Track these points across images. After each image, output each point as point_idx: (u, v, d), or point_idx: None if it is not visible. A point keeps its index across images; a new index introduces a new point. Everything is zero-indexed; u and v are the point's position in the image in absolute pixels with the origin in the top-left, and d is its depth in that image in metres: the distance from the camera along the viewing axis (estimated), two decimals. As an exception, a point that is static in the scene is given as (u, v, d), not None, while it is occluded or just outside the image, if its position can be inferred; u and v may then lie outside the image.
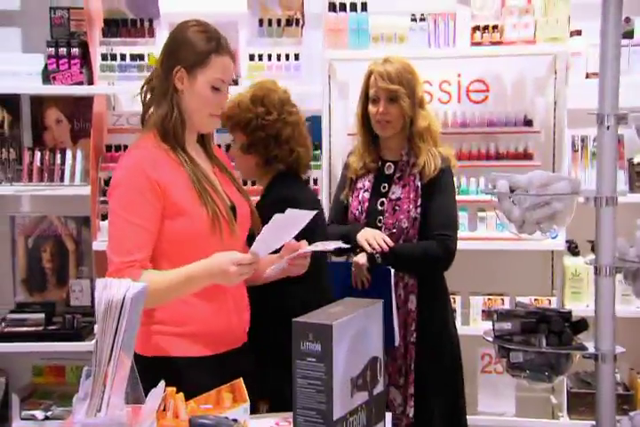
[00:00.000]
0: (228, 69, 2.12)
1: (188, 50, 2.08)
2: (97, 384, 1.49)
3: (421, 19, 3.25)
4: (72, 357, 3.39)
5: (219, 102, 2.11)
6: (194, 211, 2.03)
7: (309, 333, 1.60)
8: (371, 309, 1.78)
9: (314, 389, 1.59)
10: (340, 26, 3.26)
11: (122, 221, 2.01)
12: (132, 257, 1.96)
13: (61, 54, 3.29)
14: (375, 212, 2.64)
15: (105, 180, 3.33)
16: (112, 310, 1.50)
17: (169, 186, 2.02)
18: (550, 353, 1.72)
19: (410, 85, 2.59)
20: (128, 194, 2.02)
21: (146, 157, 2.05)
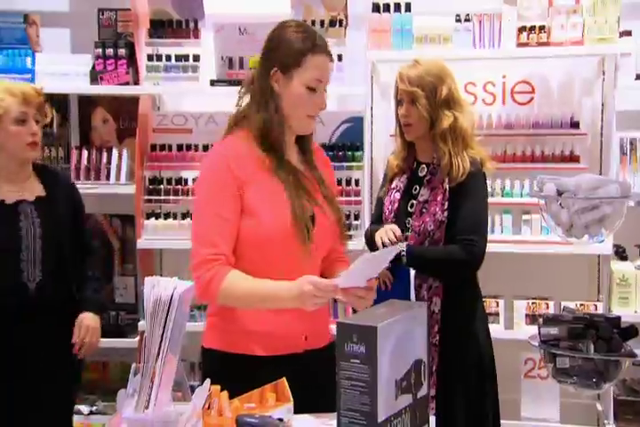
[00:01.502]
0: (325, 69, 2.06)
1: (284, 50, 2.05)
2: (145, 381, 1.50)
3: (466, 19, 3.22)
4: (116, 353, 3.44)
5: (315, 103, 2.06)
6: (263, 215, 2.02)
7: (354, 334, 1.59)
8: (415, 311, 1.78)
9: (358, 390, 1.58)
10: (384, 27, 3.25)
11: (206, 215, 2.03)
12: (218, 249, 1.98)
13: (109, 55, 3.32)
14: (405, 213, 2.63)
15: (149, 179, 3.36)
16: (160, 308, 1.52)
17: (247, 184, 2.03)
18: (599, 360, 1.69)
19: (429, 87, 2.56)
20: (212, 188, 2.04)
21: (230, 152, 2.06)
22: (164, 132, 3.47)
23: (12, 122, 2.53)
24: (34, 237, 2.57)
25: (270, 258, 2.03)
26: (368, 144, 3.30)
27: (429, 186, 2.60)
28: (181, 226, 3.29)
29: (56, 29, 3.55)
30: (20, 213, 2.57)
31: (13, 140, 2.54)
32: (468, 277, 2.63)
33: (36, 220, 2.58)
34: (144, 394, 1.51)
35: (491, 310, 3.14)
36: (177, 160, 3.39)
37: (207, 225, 2.03)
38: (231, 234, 2.02)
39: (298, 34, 2.06)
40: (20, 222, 2.56)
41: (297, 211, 2.02)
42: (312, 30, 2.11)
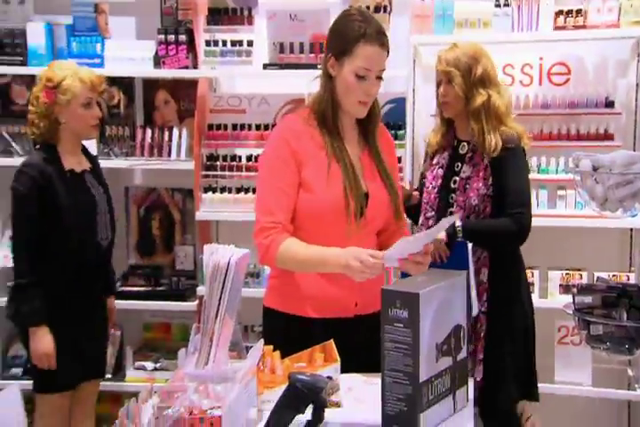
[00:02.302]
0: (375, 59, 2.01)
1: (338, 38, 2.04)
2: (204, 341, 1.51)
3: (505, 4, 3.14)
4: (177, 315, 3.49)
5: (364, 90, 2.02)
6: (318, 190, 2.03)
7: (397, 300, 1.58)
8: (455, 280, 1.75)
9: (401, 352, 1.58)
10: (426, 12, 3.19)
11: (267, 186, 2.06)
12: (275, 217, 2.00)
13: (170, 41, 3.31)
14: (448, 189, 2.60)
15: (207, 155, 3.37)
16: (218, 273, 1.52)
17: (304, 160, 2.04)
18: (631, 327, 1.65)
19: (464, 67, 2.54)
20: (273, 162, 2.06)
21: (290, 129, 2.08)
22: (220, 112, 3.46)
23: (80, 106, 2.66)
24: (102, 202, 2.76)
25: (324, 229, 2.03)
26: (410, 124, 3.25)
27: (471, 163, 2.57)
28: (236, 200, 3.30)
29: (123, 18, 3.55)
30: (87, 181, 2.74)
31: (80, 122, 2.68)
32: (514, 248, 2.60)
33: (98, 187, 2.78)
34: (204, 352, 1.52)
35: (527, 279, 3.11)
36: (232, 139, 3.39)
37: (267, 196, 2.04)
38: (288, 204, 2.03)
39: (354, 22, 2.02)
40: (91, 189, 2.74)
41: (349, 188, 2.02)
42: (370, 19, 2.04)
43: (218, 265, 1.51)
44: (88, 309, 2.73)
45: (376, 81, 2.04)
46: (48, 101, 2.64)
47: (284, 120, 2.18)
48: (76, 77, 2.64)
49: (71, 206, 2.62)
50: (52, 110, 2.64)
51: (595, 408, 3.17)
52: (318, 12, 3.24)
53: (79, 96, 2.64)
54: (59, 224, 2.60)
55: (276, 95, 3.43)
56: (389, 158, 2.19)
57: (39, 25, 3.35)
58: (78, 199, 2.66)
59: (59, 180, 2.62)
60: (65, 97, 2.63)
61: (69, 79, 2.63)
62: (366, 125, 2.14)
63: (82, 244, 2.65)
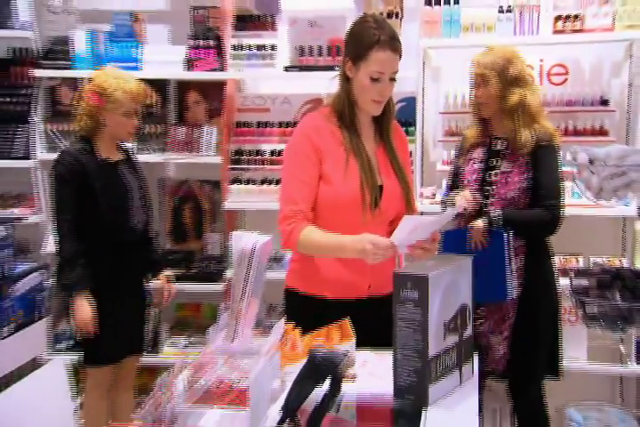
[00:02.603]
0: (387, 63, 1.98)
1: (354, 44, 2.02)
2: (231, 318, 1.51)
3: (508, 10, 3.10)
4: (207, 296, 3.49)
5: (378, 91, 2.00)
6: (336, 182, 2.02)
7: (408, 282, 1.57)
8: (461, 264, 1.73)
9: (412, 330, 1.56)
10: (435, 18, 3.15)
11: (290, 178, 2.05)
12: (297, 207, 1.99)
13: (200, 46, 3.31)
14: (486, 182, 2.56)
15: (234, 151, 3.37)
16: (244, 258, 1.52)
17: (325, 154, 2.03)
18: (624, 306, 1.63)
19: (499, 68, 2.49)
20: (296, 155, 2.05)
21: (312, 125, 2.07)
22: (246, 111, 3.46)
23: (122, 114, 2.65)
24: (135, 190, 2.74)
25: (341, 218, 2.02)
26: (420, 121, 3.22)
27: (510, 158, 2.53)
28: (260, 191, 3.29)
29: (157, 25, 3.55)
30: (120, 170, 2.73)
31: (119, 128, 2.68)
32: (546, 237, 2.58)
33: (131, 176, 2.76)
34: (231, 329, 1.52)
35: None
36: (256, 135, 3.39)
37: (290, 187, 2.04)
38: (310, 194, 2.02)
39: (369, 29, 1.99)
40: (124, 177, 2.72)
41: (365, 181, 2.01)
42: (384, 26, 2.01)
43: (243, 250, 1.51)
44: (130, 288, 2.73)
45: (389, 82, 2.02)
46: (94, 105, 2.65)
47: (307, 117, 2.16)
48: (124, 89, 2.63)
49: (105, 191, 2.61)
50: (97, 113, 2.65)
51: (590, 382, 3.14)
52: (335, 19, 3.23)
53: (123, 106, 2.63)
54: (94, 207, 2.59)
55: (297, 95, 3.42)
56: (402, 154, 2.17)
57: (83, 33, 3.36)
58: (112, 185, 2.65)
59: (93, 167, 2.62)
60: (110, 105, 2.63)
61: (118, 90, 2.62)
62: (381, 123, 2.12)
63: (117, 226, 2.65)
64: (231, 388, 1.51)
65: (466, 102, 3.23)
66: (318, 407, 1.38)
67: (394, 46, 1.99)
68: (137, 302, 2.79)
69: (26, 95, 3.53)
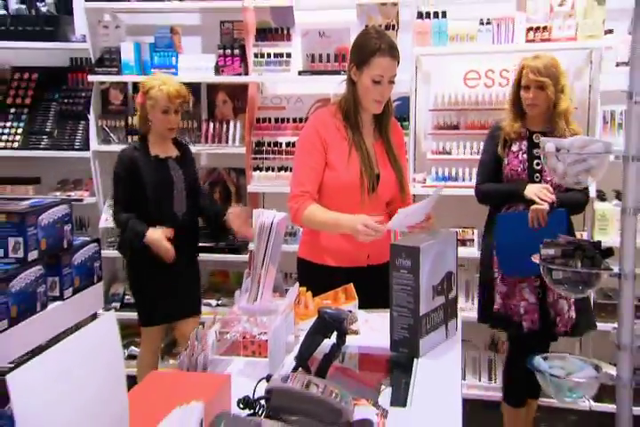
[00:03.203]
0: (387, 68, 1.96)
1: (358, 52, 2.00)
2: (254, 283, 1.49)
3: (487, 22, 3.01)
4: (233, 265, 3.47)
5: (379, 92, 1.98)
6: (340, 170, 2.00)
7: (403, 252, 1.54)
8: (447, 237, 1.70)
9: (405, 293, 1.54)
10: (426, 29, 3.06)
11: (300, 164, 2.03)
12: (304, 188, 1.98)
13: (227, 54, 3.25)
14: (533, 170, 2.47)
15: (255, 142, 3.32)
16: (264, 232, 1.49)
17: (330, 145, 2.00)
18: (584, 272, 1.59)
19: (554, 76, 2.40)
20: (305, 145, 2.03)
21: (320, 120, 2.05)
22: (265, 109, 3.40)
23: (160, 111, 2.60)
24: (180, 182, 2.66)
25: (343, 200, 2.00)
26: (413, 117, 3.15)
27: None
28: (278, 176, 3.25)
29: (191, 37, 3.48)
30: (169, 165, 2.66)
31: (159, 124, 2.63)
32: None
33: (178, 171, 2.68)
34: (253, 292, 1.49)
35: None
36: (274, 129, 3.34)
37: (300, 172, 2.02)
38: (316, 178, 2.00)
39: (372, 39, 1.96)
40: (171, 171, 2.65)
41: (364, 169, 1.99)
42: (384, 36, 1.98)
43: (263, 225, 1.48)
44: (181, 264, 2.64)
45: (388, 85, 1.99)
46: (140, 103, 2.64)
47: (316, 113, 2.13)
48: (161, 88, 2.58)
49: (151, 184, 2.59)
50: (143, 110, 2.63)
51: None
52: (341, 30, 3.17)
53: (159, 104, 2.58)
54: (143, 197, 2.59)
55: (309, 95, 3.36)
56: (398, 147, 2.14)
57: (130, 44, 3.32)
58: (158, 178, 2.61)
59: (144, 163, 2.59)
60: (150, 102, 2.60)
61: (155, 89, 2.59)
62: (381, 121, 2.09)
63: (161, 213, 2.61)
64: (253, 340, 1.49)
65: (452, 101, 3.18)
66: (326, 357, 1.36)
67: (393, 53, 1.97)
68: (189, 272, 2.74)
69: (83, 97, 3.50)
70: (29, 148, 3.41)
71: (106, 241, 3.39)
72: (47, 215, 1.89)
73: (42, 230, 1.86)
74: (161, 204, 2.61)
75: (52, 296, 1.93)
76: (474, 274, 3.13)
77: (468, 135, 3.14)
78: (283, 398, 1.14)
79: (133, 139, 3.39)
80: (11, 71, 3.60)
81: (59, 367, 0.79)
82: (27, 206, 1.86)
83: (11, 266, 1.75)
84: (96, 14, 3.39)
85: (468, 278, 3.13)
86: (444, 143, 3.17)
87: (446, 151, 3.16)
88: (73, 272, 2.03)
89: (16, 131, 3.47)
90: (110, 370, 0.91)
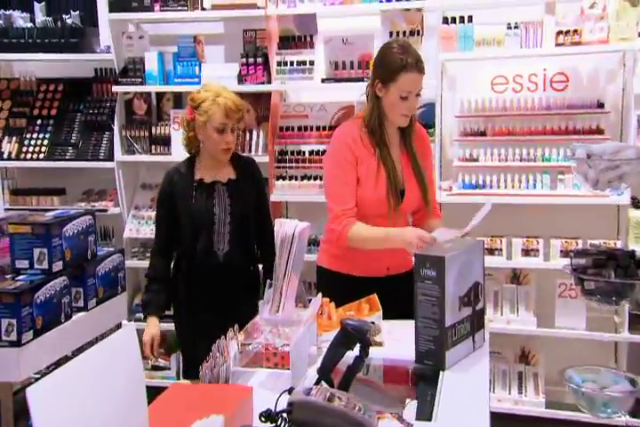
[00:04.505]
0: (415, 83, 1.98)
1: (383, 69, 2.01)
2: (276, 293, 1.50)
3: (515, 26, 2.98)
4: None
5: (407, 107, 2.01)
6: (367, 187, 2.02)
7: (427, 262, 1.53)
8: (474, 246, 1.69)
9: (430, 303, 1.53)
10: (451, 34, 3.05)
11: (337, 181, 2.04)
12: (346, 206, 2.00)
13: (250, 63, 3.29)
14: None
15: (278, 151, 3.35)
16: (286, 241, 1.50)
17: (360, 161, 2.03)
18: (617, 282, 1.56)
19: None
20: (339, 160, 2.05)
21: (349, 134, 2.07)
22: (288, 117, 3.42)
23: (214, 129, 2.16)
24: (224, 213, 2.21)
25: (370, 213, 2.01)
26: (438, 123, 3.13)
27: None
28: (301, 185, 3.26)
29: (214, 46, 3.53)
30: (215, 191, 2.23)
31: (211, 144, 2.20)
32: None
33: (226, 199, 2.23)
34: (275, 302, 1.50)
35: (533, 246, 2.99)
36: (297, 138, 3.35)
37: (337, 188, 2.03)
38: (354, 194, 2.02)
39: (395, 55, 1.97)
40: (214, 199, 2.22)
41: (391, 190, 2.01)
42: (408, 50, 1.99)
43: (285, 235, 1.49)
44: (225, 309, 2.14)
45: (416, 98, 2.02)
46: (188, 119, 2.22)
47: (343, 128, 2.14)
48: (215, 102, 2.15)
49: (186, 214, 2.19)
50: (192, 127, 2.22)
51: (588, 348, 3.04)
52: (364, 37, 3.18)
53: (213, 120, 2.15)
54: (178, 229, 2.22)
55: (332, 103, 3.37)
56: (424, 155, 2.15)
57: (153, 54, 3.37)
58: (196, 208, 2.19)
59: (183, 188, 2.20)
60: (201, 118, 2.16)
61: (208, 102, 2.15)
62: (405, 131, 2.11)
63: (197, 250, 2.19)
64: (276, 352, 1.50)
65: (479, 107, 3.16)
66: (349, 369, 1.36)
67: (419, 68, 1.99)
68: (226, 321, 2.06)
69: (107, 107, 3.57)
70: (54, 159, 3.49)
71: (130, 251, 3.44)
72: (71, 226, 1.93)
73: (66, 241, 1.90)
74: (197, 239, 2.19)
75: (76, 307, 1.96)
76: (502, 284, 3.10)
77: (495, 142, 3.11)
78: (305, 411, 1.14)
79: (158, 149, 3.47)
80: (37, 83, 3.71)
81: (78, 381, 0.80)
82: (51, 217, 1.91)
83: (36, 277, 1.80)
84: (120, 25, 3.47)
85: (496, 289, 3.10)
86: (471, 150, 3.15)
87: (473, 158, 3.14)
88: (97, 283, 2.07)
89: (42, 142, 3.56)
90: (130, 383, 0.92)
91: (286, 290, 1.49)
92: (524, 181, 3.02)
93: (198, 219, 2.19)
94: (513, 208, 2.97)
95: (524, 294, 3.05)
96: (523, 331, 3.02)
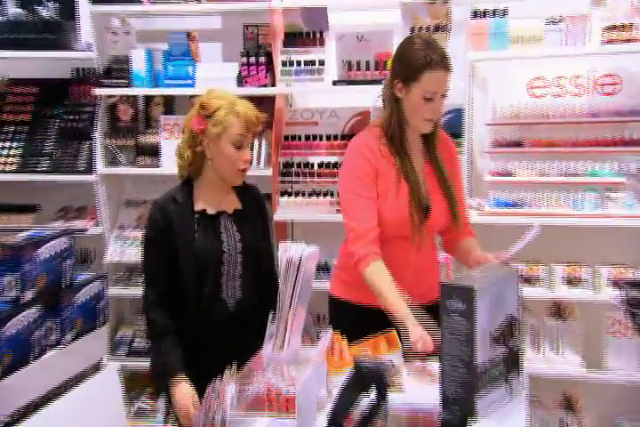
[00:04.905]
0: (440, 83, 2.02)
1: (404, 66, 2.04)
2: (280, 327, 1.52)
3: (557, 21, 3.02)
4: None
5: (431, 109, 2.03)
6: (388, 202, 2.05)
7: (455, 293, 1.55)
8: (508, 274, 1.71)
9: (458, 340, 1.54)
10: (482, 30, 3.09)
11: (356, 197, 2.06)
12: (369, 223, 2.02)
13: (251, 63, 3.34)
14: None
15: (283, 163, 3.38)
16: (291, 268, 1.52)
17: (379, 174, 2.06)
18: (677, 319, 1.57)
19: None
20: (356, 174, 2.08)
21: (366, 145, 2.10)
22: (294, 124, 3.47)
23: (230, 144, 2.04)
24: (235, 251, 2.10)
25: (390, 232, 2.04)
26: (468, 131, 3.15)
27: None
28: (309, 202, 3.30)
29: (211, 43, 3.59)
30: (221, 224, 2.12)
31: (226, 162, 2.06)
32: None
33: (235, 233, 2.12)
34: (279, 338, 1.52)
35: (577, 275, 2.99)
36: (305, 148, 3.39)
37: (356, 204, 2.06)
38: (375, 211, 2.04)
39: (418, 51, 2.01)
40: (222, 235, 2.10)
41: (414, 205, 2.04)
42: (433, 46, 2.03)
43: (291, 261, 1.52)
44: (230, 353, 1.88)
45: (441, 100, 2.05)
46: (197, 130, 2.05)
47: (359, 138, 2.17)
48: (232, 111, 2.03)
49: (188, 253, 2.03)
50: (200, 142, 2.06)
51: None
52: (382, 33, 3.23)
53: (231, 132, 2.03)
54: (178, 274, 2.04)
55: (345, 108, 3.42)
56: (450, 166, 2.18)
57: (141, 52, 3.42)
58: (198, 246, 2.05)
59: (181, 222, 2.04)
60: (215, 130, 2.03)
61: (223, 111, 2.03)
62: (429, 138, 2.14)
63: (201, 299, 2.04)
64: (280, 395, 1.51)
65: (514, 113, 3.19)
66: (365, 416, 1.37)
67: (446, 65, 2.02)
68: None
69: (88, 113, 3.62)
70: (27, 171, 3.54)
71: (113, 277, 3.48)
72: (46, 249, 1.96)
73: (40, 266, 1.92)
74: (201, 285, 2.03)
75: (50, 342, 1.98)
76: (542, 318, 3.09)
77: (533, 154, 3.14)
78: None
79: (146, 161, 3.50)
80: (7, 84, 3.76)
81: None
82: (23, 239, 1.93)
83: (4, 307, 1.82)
84: (103, 19, 3.54)
85: (535, 324, 3.09)
86: (505, 163, 3.17)
87: (507, 172, 3.16)
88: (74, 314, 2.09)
89: (12, 152, 3.61)
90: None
91: (292, 324, 1.51)
92: (566, 200, 3.03)
93: (204, 260, 2.04)
94: (554, 230, 2.97)
95: (567, 330, 3.05)
96: (566, 373, 3.01)
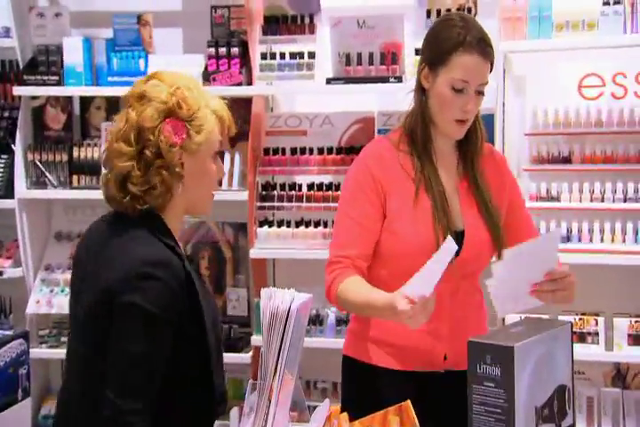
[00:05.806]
0: (474, 70, 2.00)
1: (433, 46, 2.06)
2: (262, 399, 1.52)
3: (615, 2, 3.06)
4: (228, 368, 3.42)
5: (461, 105, 2.00)
6: (402, 226, 2.03)
7: (487, 355, 1.56)
8: (558, 330, 1.72)
9: (492, 417, 1.55)
10: (518, 14, 3.15)
11: (342, 216, 2.10)
12: (344, 252, 2.02)
13: (221, 54, 3.38)
14: None
15: (262, 184, 3.40)
16: (277, 321, 1.53)
17: (389, 190, 2.05)
18: None
19: None
20: (352, 193, 2.10)
21: (376, 155, 2.10)
22: (277, 134, 3.50)
23: (209, 156, 1.80)
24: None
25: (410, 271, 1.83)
26: (499, 142, 3.18)
27: None
28: (295, 234, 3.31)
29: (168, 29, 3.64)
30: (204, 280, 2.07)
31: (205, 185, 1.84)
32: None
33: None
34: (261, 414, 1.52)
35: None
36: (291, 164, 3.42)
37: (341, 228, 2.09)
38: (363, 238, 2.04)
39: (453, 28, 2.03)
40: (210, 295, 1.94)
41: (439, 225, 2.00)
42: (472, 25, 2.05)
43: (276, 312, 1.52)
44: None
45: (475, 96, 2.03)
46: (177, 141, 1.71)
47: (372, 145, 2.18)
48: (208, 107, 1.77)
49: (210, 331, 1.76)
50: (172, 158, 1.71)
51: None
52: (391, 18, 3.22)
53: (213, 140, 1.78)
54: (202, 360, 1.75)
55: (342, 114, 3.46)
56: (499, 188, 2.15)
57: (76, 40, 3.46)
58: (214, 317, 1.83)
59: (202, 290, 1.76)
60: (198, 138, 1.73)
61: (204, 109, 1.76)
62: (466, 149, 2.13)
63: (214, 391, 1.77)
64: (260, 490, 1.51)
65: (560, 120, 3.22)
66: None
67: (483, 49, 2.01)
68: None
69: (6, 118, 3.65)
70: None
71: (36, 335, 3.46)
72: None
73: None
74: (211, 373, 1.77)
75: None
76: (600, 387, 3.10)
77: (584, 172, 3.17)
78: None
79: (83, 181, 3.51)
80: None
81: None
82: None
83: None
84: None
85: (592, 394, 3.10)
86: (549, 184, 3.21)
87: (551, 196, 3.19)
88: (-11, 383, 2.08)
89: None
90: None
91: (277, 394, 1.51)
92: (628, 232, 3.07)
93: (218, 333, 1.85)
94: (612, 272, 3.01)
95: (632, 401, 3.07)
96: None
